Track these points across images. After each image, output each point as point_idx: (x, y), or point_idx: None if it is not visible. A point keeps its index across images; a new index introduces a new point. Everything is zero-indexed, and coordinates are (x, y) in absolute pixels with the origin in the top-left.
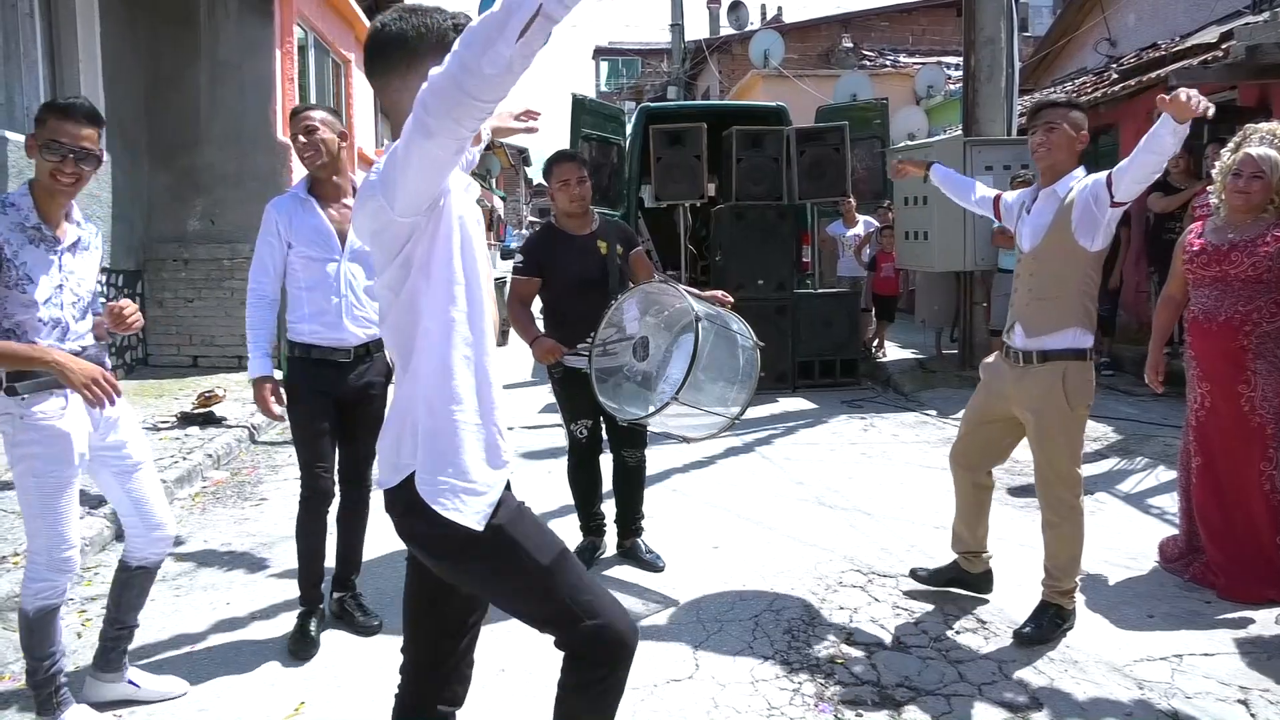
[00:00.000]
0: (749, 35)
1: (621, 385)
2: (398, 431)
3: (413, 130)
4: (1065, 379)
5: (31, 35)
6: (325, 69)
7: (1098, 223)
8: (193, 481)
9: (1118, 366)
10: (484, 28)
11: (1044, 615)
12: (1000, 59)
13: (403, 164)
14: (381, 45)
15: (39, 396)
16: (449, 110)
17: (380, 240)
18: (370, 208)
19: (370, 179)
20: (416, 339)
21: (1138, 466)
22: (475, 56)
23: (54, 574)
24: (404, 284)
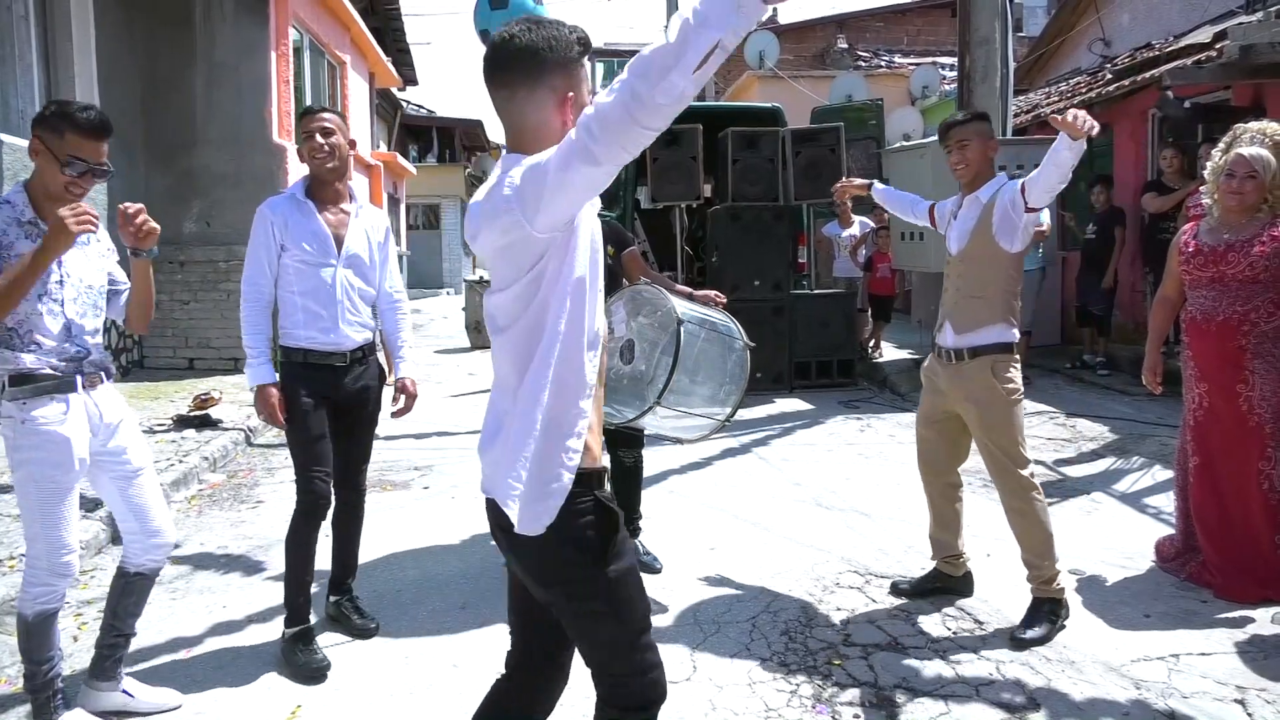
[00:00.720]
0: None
1: (613, 386)
2: (521, 442)
3: (573, 156)
4: (994, 369)
5: (26, 38)
6: (320, 71)
7: (1015, 226)
8: (189, 484)
9: (1114, 366)
10: (658, 58)
11: (1040, 612)
12: (995, 59)
13: (555, 185)
14: (510, 57)
15: (39, 401)
16: (618, 139)
17: (509, 255)
18: (502, 223)
19: (504, 193)
20: (539, 353)
21: (1134, 466)
22: (649, 87)
23: (53, 578)
24: (534, 297)
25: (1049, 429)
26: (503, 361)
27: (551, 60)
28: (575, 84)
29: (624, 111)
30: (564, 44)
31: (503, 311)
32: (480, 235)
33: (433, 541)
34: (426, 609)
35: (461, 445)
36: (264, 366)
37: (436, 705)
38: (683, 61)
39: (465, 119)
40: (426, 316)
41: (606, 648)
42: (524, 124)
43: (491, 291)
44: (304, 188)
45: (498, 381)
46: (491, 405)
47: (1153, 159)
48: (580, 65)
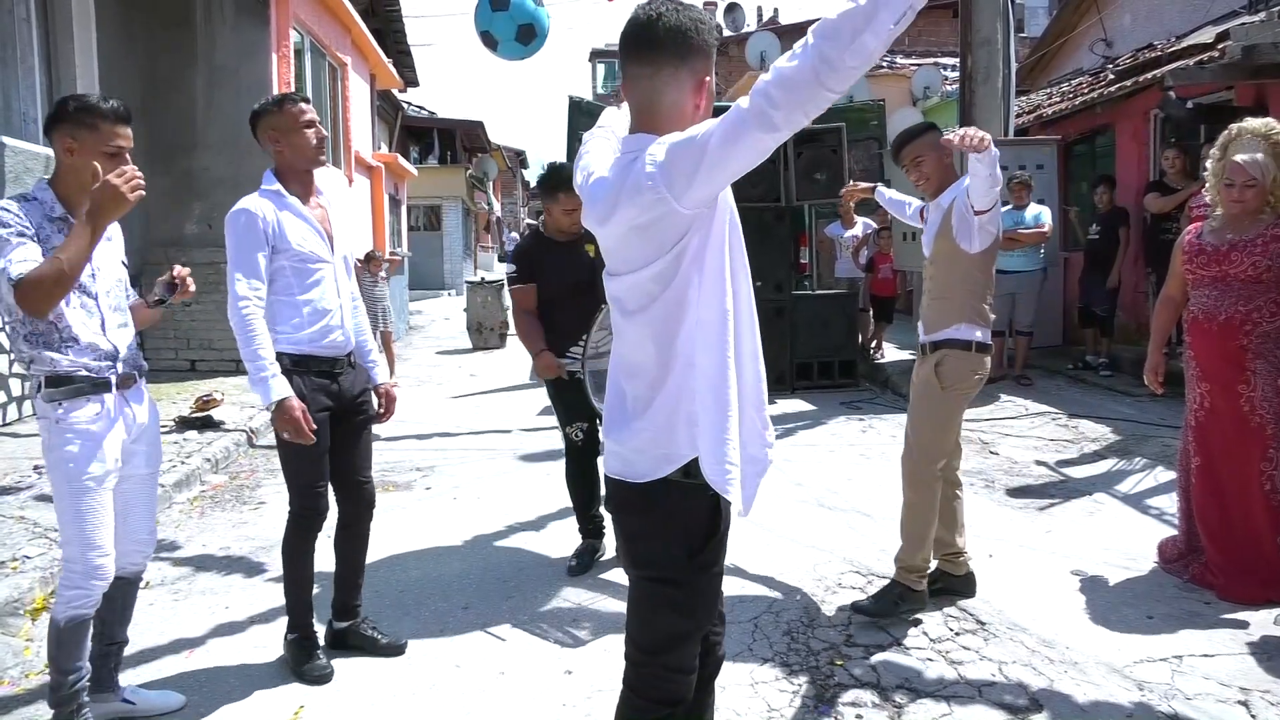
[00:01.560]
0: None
1: None
2: (666, 423)
3: (745, 124)
4: (941, 361)
5: (28, 40)
6: (321, 72)
7: (971, 228)
8: (191, 485)
9: (1116, 367)
10: (848, 20)
11: (888, 594)
12: (997, 60)
13: (717, 158)
14: (658, 35)
15: (76, 403)
16: (802, 103)
17: (650, 233)
18: (644, 201)
19: (645, 171)
20: (684, 330)
21: (1136, 467)
22: (838, 50)
23: (87, 581)
24: (675, 276)
25: (1051, 430)
26: (636, 344)
27: (697, 42)
28: (711, 69)
29: (812, 75)
30: (708, 28)
31: (637, 292)
32: (614, 216)
33: (435, 542)
34: (429, 610)
35: (463, 446)
36: (280, 379)
37: (439, 706)
38: (875, 22)
39: (466, 120)
40: (428, 318)
41: (667, 637)
42: (659, 103)
43: (618, 274)
44: (278, 181)
45: (626, 365)
46: (618, 389)
47: (1155, 159)
48: (712, 60)
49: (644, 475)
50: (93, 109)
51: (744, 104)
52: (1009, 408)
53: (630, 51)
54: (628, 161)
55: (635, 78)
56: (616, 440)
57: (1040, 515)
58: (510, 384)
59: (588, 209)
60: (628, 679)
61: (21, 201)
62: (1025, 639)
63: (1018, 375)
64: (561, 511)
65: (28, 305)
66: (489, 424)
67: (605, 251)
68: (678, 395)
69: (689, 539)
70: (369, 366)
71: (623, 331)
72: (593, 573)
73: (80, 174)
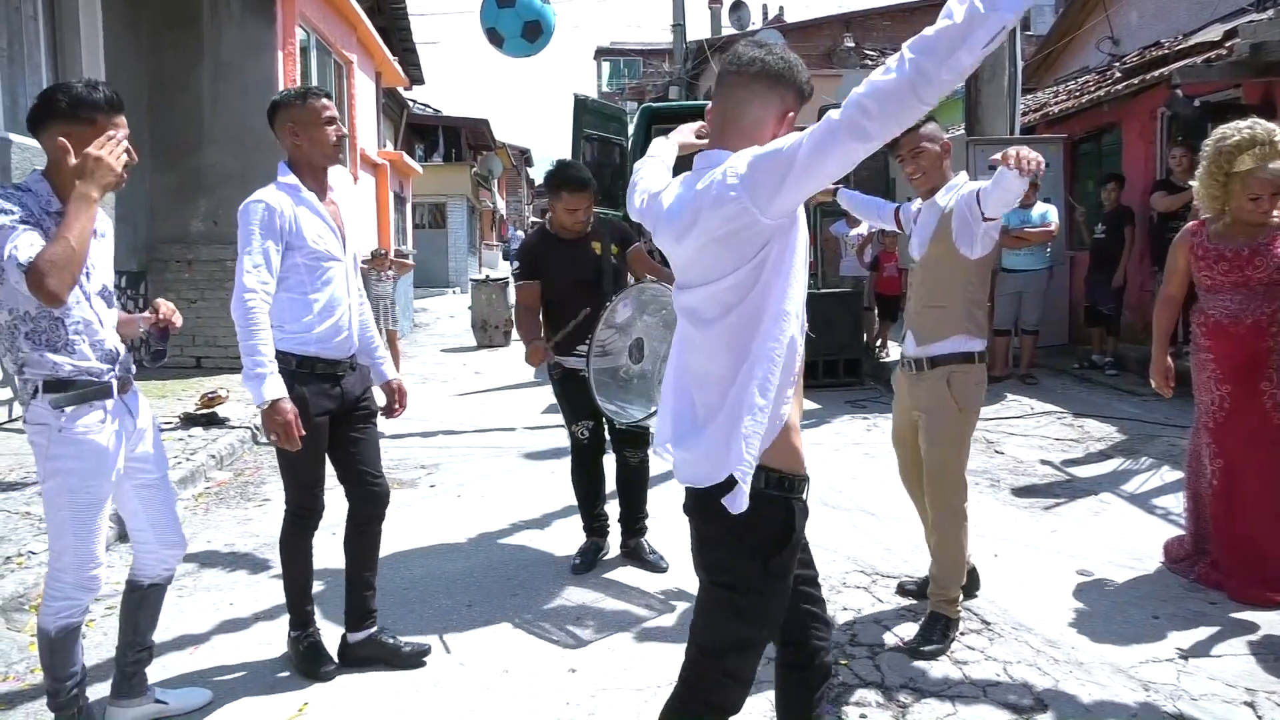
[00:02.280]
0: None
1: (621, 386)
2: (734, 425)
3: (837, 135)
4: (950, 381)
5: (35, 38)
6: (328, 70)
7: (974, 233)
8: (196, 482)
9: (1122, 366)
10: (944, 38)
11: (934, 628)
12: (1002, 58)
13: (804, 169)
14: (764, 61)
15: (81, 410)
16: (897, 115)
17: (731, 244)
18: (726, 212)
19: (728, 183)
20: (760, 337)
21: (1142, 466)
22: (935, 65)
23: (78, 592)
24: (755, 283)
25: (1057, 429)
26: (711, 353)
27: (791, 79)
28: (798, 109)
29: (908, 88)
30: (806, 76)
31: (713, 302)
32: (693, 230)
33: (439, 540)
34: (433, 607)
35: (467, 444)
36: (275, 379)
37: (443, 704)
38: (970, 40)
39: (472, 118)
40: (432, 315)
41: (731, 642)
42: (744, 119)
43: (693, 286)
44: (294, 177)
45: (698, 374)
46: (687, 398)
47: (1161, 158)
48: (800, 104)
49: (710, 479)
50: (86, 101)
51: (835, 115)
52: (1014, 407)
53: (732, 72)
54: (704, 176)
55: (730, 89)
56: (685, 448)
57: (1045, 515)
58: (515, 382)
59: (662, 227)
60: (685, 677)
61: (17, 193)
62: (1030, 639)
63: (1023, 374)
64: (566, 510)
65: (42, 290)
66: (494, 422)
67: (679, 267)
68: (744, 399)
69: (763, 547)
70: (376, 363)
71: (695, 342)
72: (597, 571)
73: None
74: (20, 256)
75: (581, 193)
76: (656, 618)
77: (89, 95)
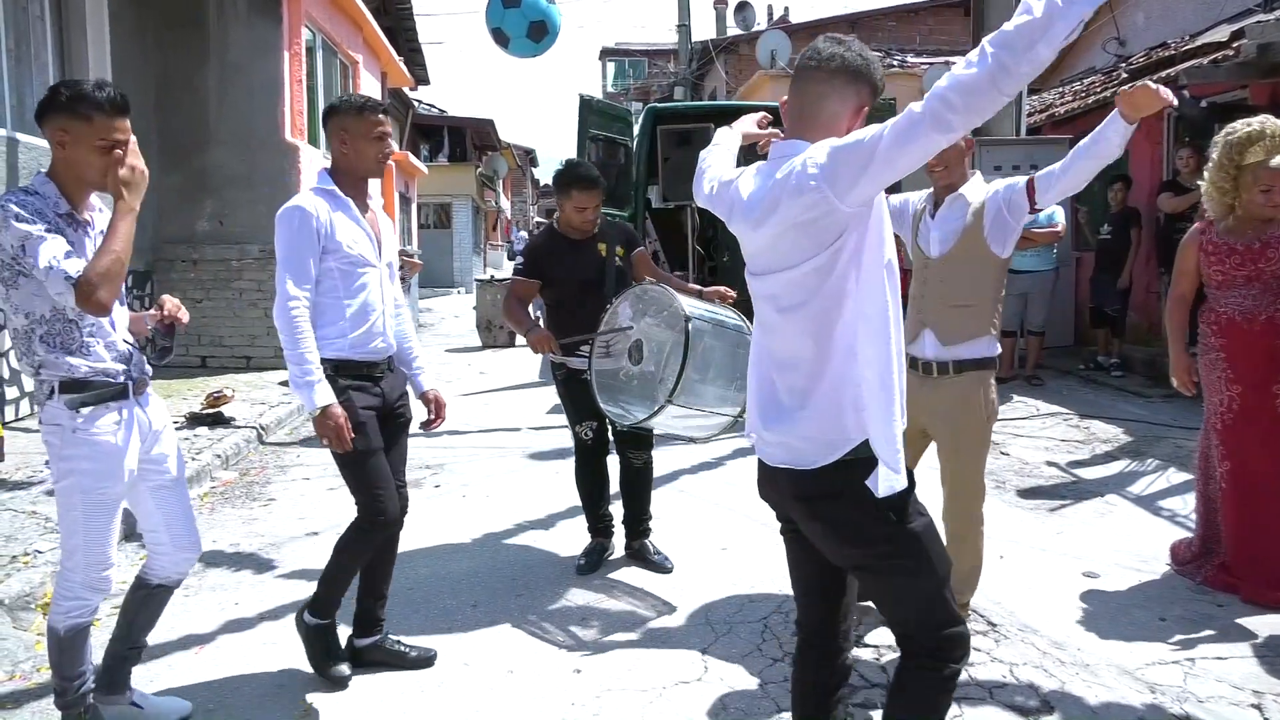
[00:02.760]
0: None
1: (622, 387)
2: (832, 410)
3: (919, 127)
4: (984, 390)
5: (42, 38)
6: (333, 70)
7: (1009, 229)
8: (201, 482)
9: (1128, 368)
10: (1024, 32)
11: None
12: None
13: (886, 159)
14: (842, 56)
15: (97, 411)
16: (979, 107)
17: (809, 230)
18: (807, 199)
19: (808, 172)
20: (842, 323)
21: (1148, 468)
22: (1015, 58)
23: (89, 593)
24: (833, 271)
25: (1062, 430)
26: (793, 338)
27: (868, 74)
28: (871, 103)
29: (990, 81)
30: (880, 72)
31: (793, 288)
32: (772, 217)
33: (444, 540)
34: (438, 607)
35: (472, 444)
36: (324, 385)
37: (447, 704)
38: (1050, 33)
39: (477, 118)
40: (437, 315)
41: (925, 599)
42: (822, 112)
43: (770, 272)
44: (333, 183)
45: (779, 358)
46: (766, 381)
47: (1168, 159)
48: (874, 99)
49: (815, 462)
50: (86, 98)
51: (917, 108)
52: (1020, 408)
53: (812, 67)
54: (782, 165)
55: (810, 82)
56: (777, 431)
57: (1051, 516)
58: (520, 382)
59: (738, 214)
60: (919, 658)
61: (29, 198)
62: (1036, 640)
63: (1029, 375)
64: (570, 510)
65: (90, 302)
66: (498, 422)
67: (753, 254)
68: (841, 384)
69: (890, 506)
70: (414, 374)
71: (776, 327)
72: (601, 572)
73: (74, 167)
74: (69, 269)
75: (591, 191)
76: (661, 619)
77: (91, 93)
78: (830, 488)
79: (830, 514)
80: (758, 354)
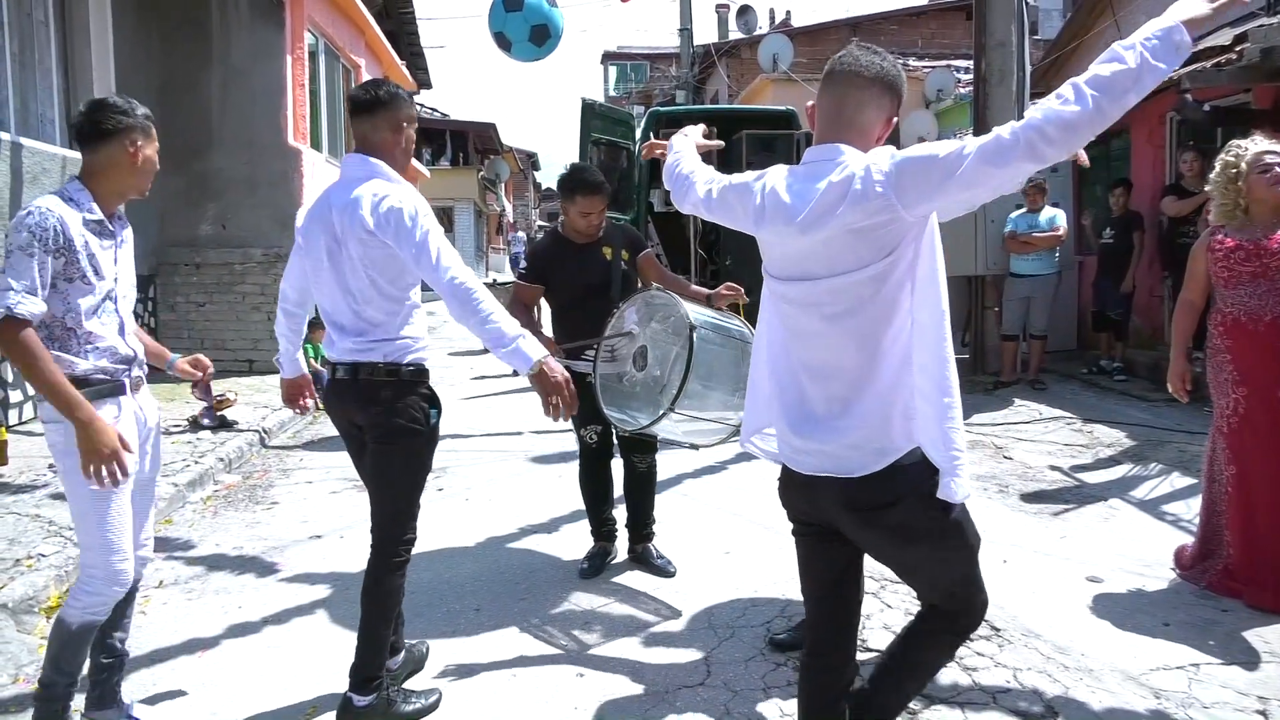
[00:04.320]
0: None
1: (626, 392)
2: (880, 419)
3: (1012, 153)
4: None
5: (46, 42)
6: (335, 74)
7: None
8: (204, 485)
9: (1131, 372)
10: (1120, 80)
11: None
12: (1011, 62)
13: (969, 178)
14: (879, 67)
15: (96, 405)
16: (1071, 143)
17: (868, 237)
18: (871, 206)
19: (874, 178)
20: (891, 332)
21: (1152, 473)
22: (1110, 103)
23: (108, 587)
24: (887, 280)
25: (1065, 435)
26: (834, 346)
27: (899, 87)
28: (894, 115)
29: (1088, 122)
30: (903, 89)
31: (842, 295)
32: (829, 220)
33: (447, 544)
34: (441, 611)
35: (475, 447)
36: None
37: (450, 708)
38: (1139, 85)
39: (479, 122)
40: (439, 319)
41: (961, 577)
42: (860, 118)
43: (817, 278)
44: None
45: (815, 366)
46: (798, 389)
47: (1171, 163)
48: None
49: (862, 469)
50: (151, 119)
51: (1005, 134)
52: (1023, 412)
53: (853, 73)
54: (824, 169)
55: (848, 91)
56: (814, 440)
57: (1054, 521)
58: (522, 385)
59: (781, 219)
60: (937, 624)
61: (62, 202)
62: (1040, 645)
63: (1032, 379)
64: (573, 514)
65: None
66: (501, 425)
67: (791, 259)
68: (891, 392)
69: (940, 504)
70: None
71: (814, 334)
72: (604, 576)
73: (128, 176)
74: (18, 306)
75: (595, 196)
76: (664, 623)
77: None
78: (884, 496)
79: (887, 521)
80: (784, 362)
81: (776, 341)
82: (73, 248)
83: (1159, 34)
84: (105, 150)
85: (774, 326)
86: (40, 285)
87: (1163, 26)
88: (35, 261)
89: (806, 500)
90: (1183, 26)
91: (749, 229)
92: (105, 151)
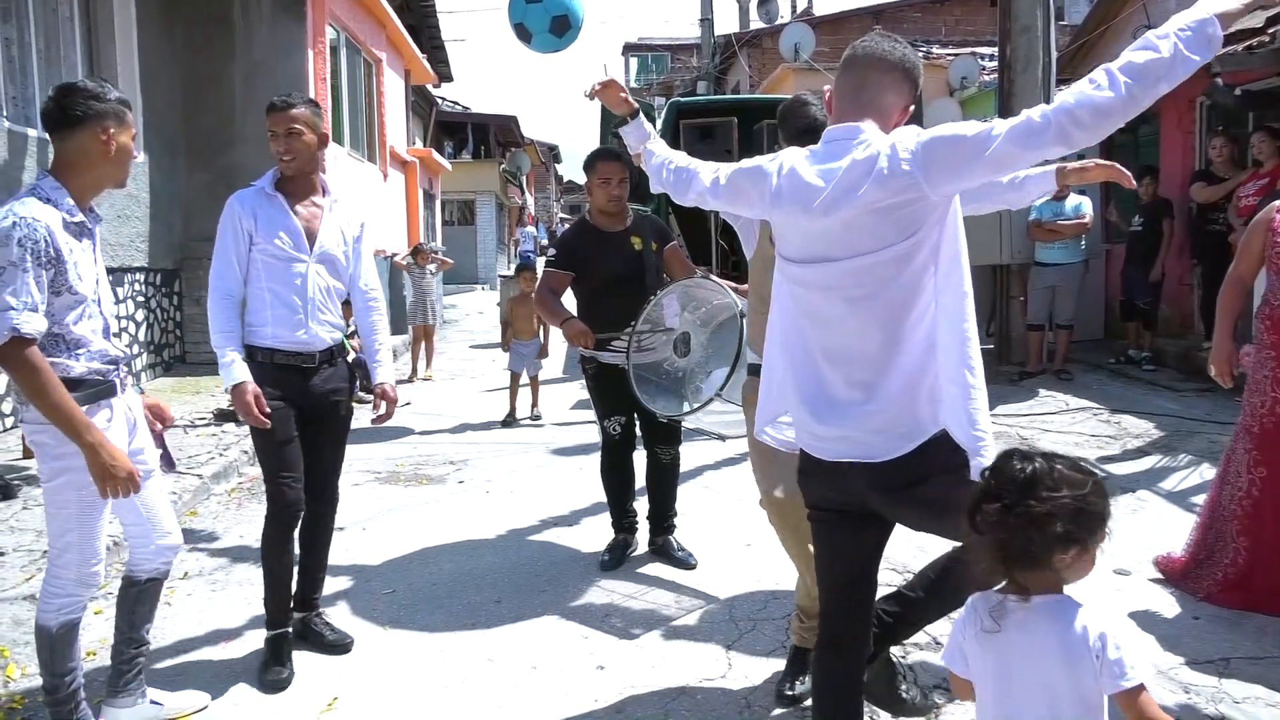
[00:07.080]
0: (779, 29)
1: (662, 381)
2: (906, 403)
3: (1043, 135)
4: None
5: (71, 39)
6: (357, 68)
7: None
8: (229, 477)
9: (1160, 361)
10: (1153, 69)
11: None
12: (1037, 48)
13: (998, 158)
14: (901, 53)
15: (91, 410)
16: (1102, 128)
17: (892, 215)
18: (896, 185)
19: (900, 157)
20: (914, 315)
21: (1180, 464)
22: (1144, 91)
23: (81, 589)
24: (911, 261)
25: (1093, 425)
26: (857, 330)
27: (916, 75)
28: (911, 103)
29: (1121, 108)
30: (920, 80)
31: (864, 277)
32: (852, 199)
33: (467, 536)
34: (461, 603)
35: (496, 440)
36: (239, 364)
37: (471, 699)
38: (1172, 75)
39: (500, 115)
40: (461, 312)
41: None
42: (881, 101)
43: (833, 259)
44: (274, 180)
45: (836, 351)
46: (815, 375)
47: (1201, 148)
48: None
49: (890, 453)
50: (125, 103)
51: (1036, 117)
52: (1049, 403)
53: (876, 57)
54: (844, 148)
55: (869, 74)
56: (837, 426)
57: None
58: (544, 378)
59: (800, 200)
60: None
61: (41, 204)
62: None
63: (1058, 370)
64: (595, 506)
65: (3, 362)
66: (521, 417)
67: (810, 240)
68: (916, 376)
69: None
70: (374, 366)
71: (834, 318)
72: (625, 568)
73: (107, 166)
74: (21, 324)
75: (615, 162)
76: (685, 616)
77: (115, 94)
78: (916, 474)
79: (922, 497)
80: (800, 347)
81: (790, 327)
82: (61, 259)
83: (1193, 25)
84: (76, 139)
85: (787, 311)
86: (40, 301)
87: (1197, 18)
88: (30, 276)
89: (832, 486)
90: (1216, 19)
91: (761, 213)
92: (76, 140)
